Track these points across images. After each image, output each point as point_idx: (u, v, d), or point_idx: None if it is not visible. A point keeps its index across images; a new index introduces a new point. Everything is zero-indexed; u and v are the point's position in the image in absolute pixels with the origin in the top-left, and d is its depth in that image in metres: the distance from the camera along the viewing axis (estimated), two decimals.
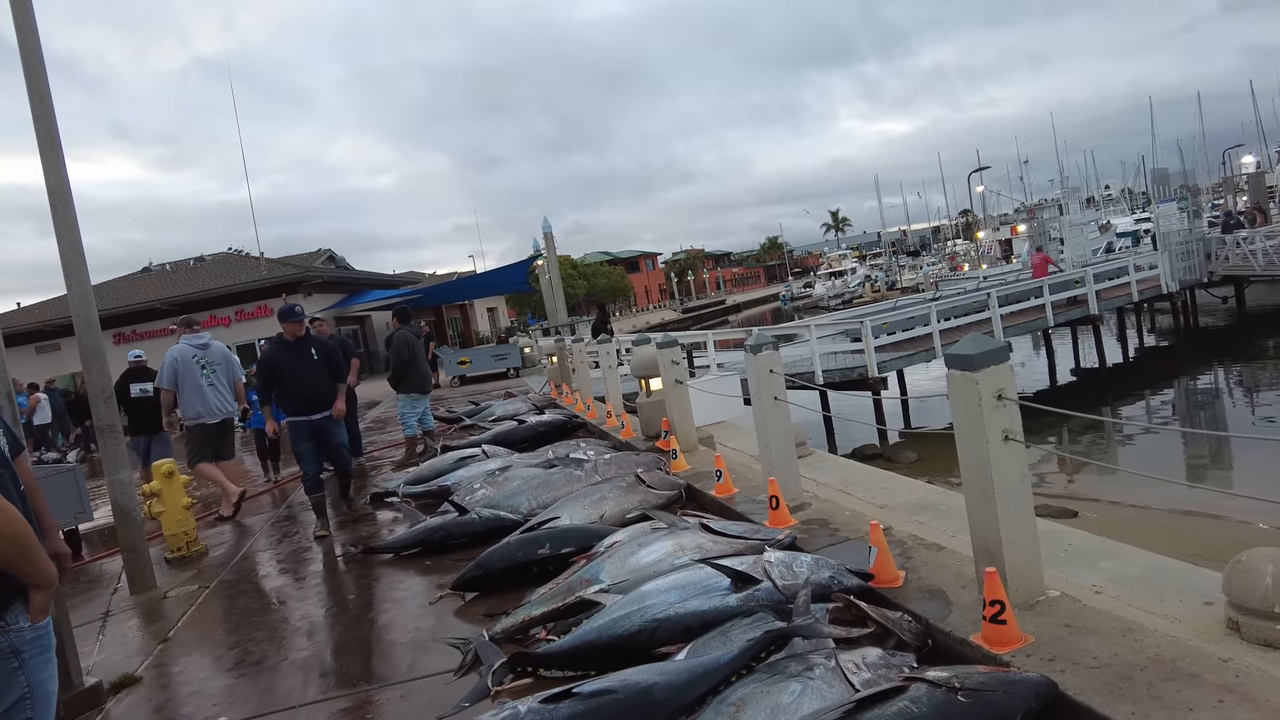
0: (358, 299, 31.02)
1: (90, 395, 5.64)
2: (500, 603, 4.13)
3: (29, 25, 5.40)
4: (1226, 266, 21.28)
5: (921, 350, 15.49)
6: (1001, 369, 2.81)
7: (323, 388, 6.62)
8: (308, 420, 6.55)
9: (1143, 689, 2.24)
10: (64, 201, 5.48)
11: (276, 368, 6.60)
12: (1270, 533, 7.40)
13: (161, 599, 5.55)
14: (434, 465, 7.84)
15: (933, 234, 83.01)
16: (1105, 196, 56.03)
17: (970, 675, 2.32)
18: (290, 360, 6.54)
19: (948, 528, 4.15)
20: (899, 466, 11.85)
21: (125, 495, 5.58)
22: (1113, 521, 8.14)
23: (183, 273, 33.01)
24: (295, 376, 6.52)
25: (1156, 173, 34.12)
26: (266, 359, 6.83)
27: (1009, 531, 2.81)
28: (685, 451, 6.43)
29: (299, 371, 6.53)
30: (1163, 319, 23.15)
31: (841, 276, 65.61)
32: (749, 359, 4.81)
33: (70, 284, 5.53)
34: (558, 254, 32.59)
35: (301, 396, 6.53)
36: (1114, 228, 36.95)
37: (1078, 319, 18.66)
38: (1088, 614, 2.74)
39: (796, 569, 3.22)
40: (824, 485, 5.40)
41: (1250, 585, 2.54)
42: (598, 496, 5.26)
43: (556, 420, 9.43)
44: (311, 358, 6.57)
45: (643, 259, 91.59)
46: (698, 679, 2.57)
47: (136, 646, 4.67)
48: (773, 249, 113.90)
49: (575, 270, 60.34)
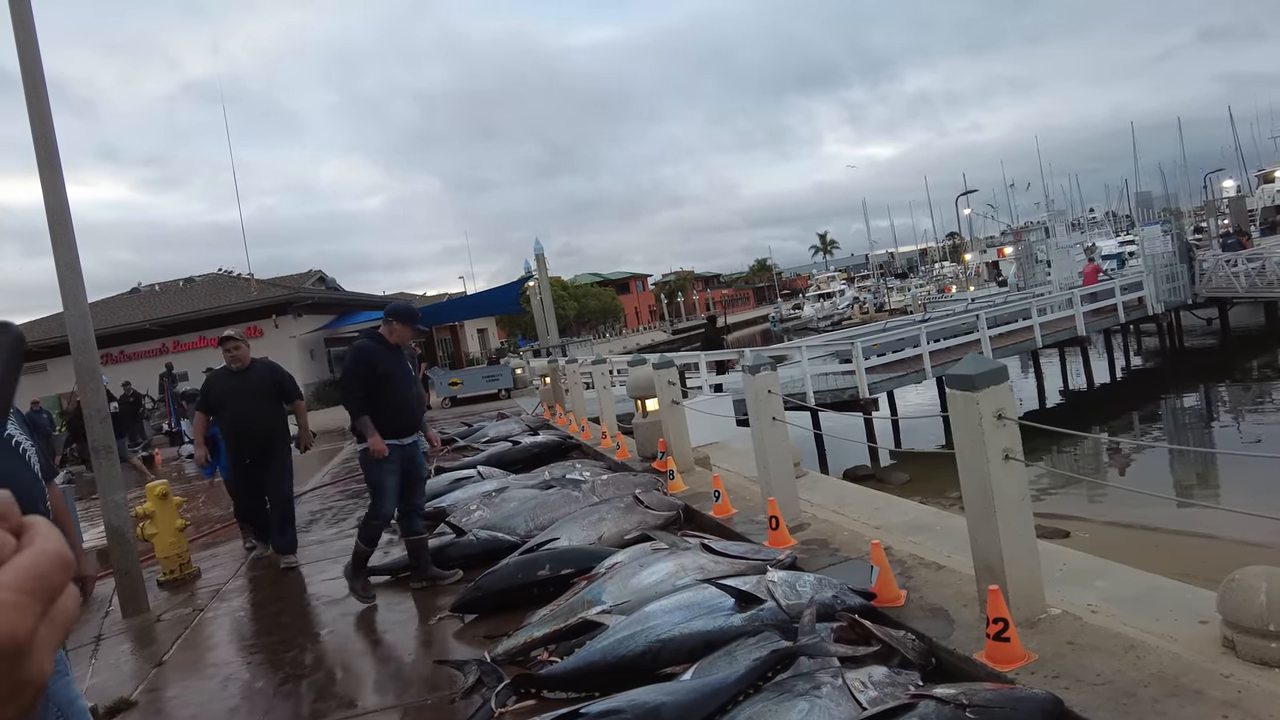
0: (348, 320, 30.94)
1: (85, 415, 5.62)
2: (500, 624, 4.12)
3: (31, 45, 5.44)
4: (1210, 288, 21.58)
5: (912, 371, 15.60)
6: (1001, 389, 2.86)
7: (420, 404, 5.48)
8: (400, 446, 5.13)
9: (1147, 705, 2.27)
10: (62, 222, 5.49)
11: (381, 370, 5.06)
12: (1260, 551, 7.46)
13: (155, 622, 5.49)
14: (428, 487, 7.81)
15: (920, 256, 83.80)
16: (1090, 219, 56.78)
17: (977, 692, 2.34)
18: (392, 363, 5.16)
19: (944, 548, 4.17)
20: (891, 487, 11.87)
21: (119, 517, 5.54)
22: (1105, 541, 8.20)
23: (172, 293, 32.85)
24: (394, 388, 5.12)
25: (1140, 196, 34.63)
26: (367, 359, 5.10)
27: (1010, 550, 2.85)
28: (682, 472, 6.45)
29: (400, 382, 5.18)
30: (1149, 340, 23.43)
31: (830, 298, 65.98)
32: (746, 379, 4.86)
33: (67, 303, 5.52)
34: (548, 275, 32.65)
35: (399, 413, 5.14)
36: (1099, 250, 37.41)
37: (1065, 340, 18.86)
38: (1089, 632, 2.77)
39: (800, 588, 3.24)
40: (819, 506, 5.43)
41: (1244, 604, 2.56)
42: (596, 517, 5.26)
43: (551, 441, 9.43)
44: (409, 368, 5.36)
45: (633, 280, 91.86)
46: (705, 699, 2.58)
47: (130, 671, 4.62)
48: (762, 271, 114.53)
49: (566, 291, 60.46)
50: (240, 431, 6.20)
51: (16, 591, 0.41)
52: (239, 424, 6.18)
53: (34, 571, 0.42)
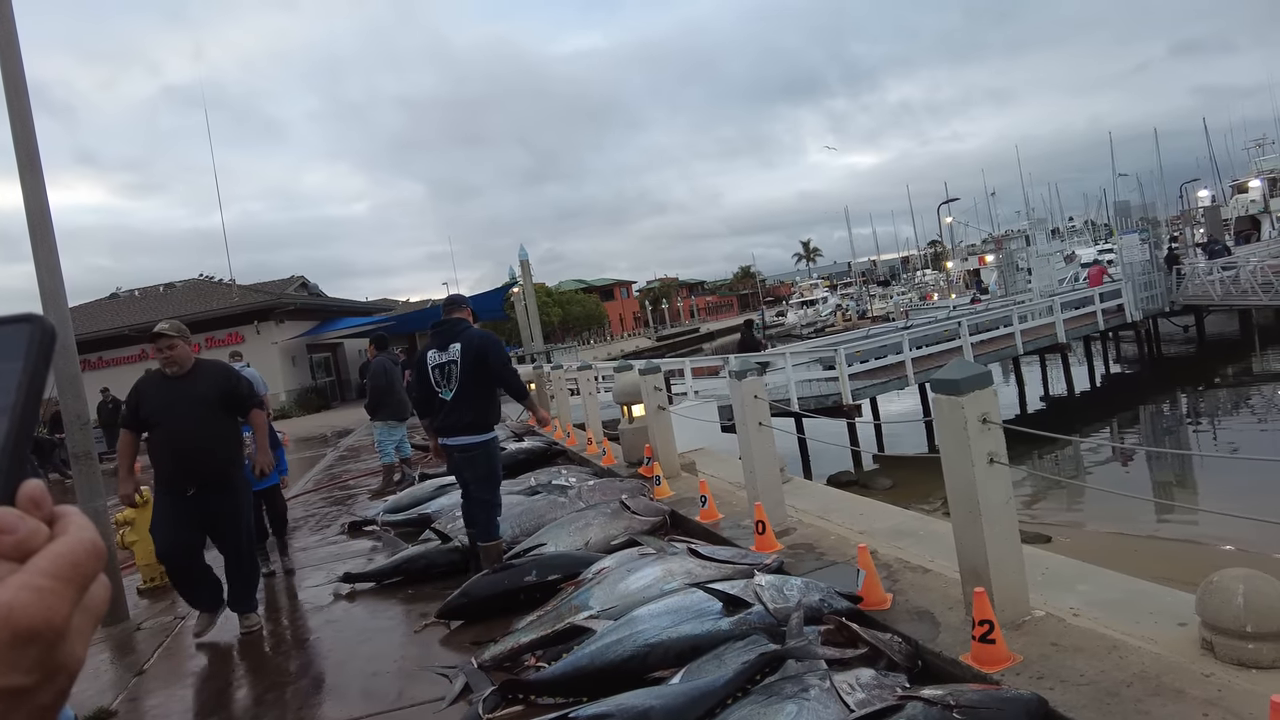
0: (330, 326, 30.78)
1: (65, 422, 5.55)
2: (487, 631, 4.11)
3: (11, 47, 5.39)
4: (1187, 296, 21.92)
5: (894, 378, 15.71)
6: (986, 393, 2.90)
7: None
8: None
9: (1130, 704, 2.31)
10: (43, 225, 5.44)
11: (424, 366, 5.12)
12: (1237, 554, 7.57)
13: (135, 630, 5.43)
14: (413, 493, 7.78)
15: (902, 264, 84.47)
16: (1070, 228, 57.55)
17: (963, 693, 2.37)
18: None
19: (929, 552, 4.21)
20: (875, 493, 11.94)
21: (99, 524, 5.47)
22: (1086, 546, 8.29)
23: (152, 299, 32.52)
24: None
25: (1119, 205, 35.15)
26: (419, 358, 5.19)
27: (995, 553, 2.88)
28: (668, 478, 6.46)
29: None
30: (1128, 347, 23.76)
31: (813, 305, 66.32)
32: (733, 385, 4.88)
33: (47, 308, 5.45)
34: (533, 282, 32.63)
35: None
36: (1079, 258, 37.88)
37: (1046, 347, 19.08)
38: (1072, 633, 2.81)
39: (787, 592, 3.26)
40: (804, 511, 5.45)
41: (1222, 606, 2.61)
42: (583, 523, 5.26)
43: (536, 448, 9.41)
44: None
45: (617, 287, 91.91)
46: (694, 702, 2.59)
47: (110, 680, 4.56)
48: (745, 278, 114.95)
49: (550, 298, 60.36)
50: (179, 456, 4.56)
51: (53, 578, 0.41)
52: (177, 446, 4.56)
53: (70, 559, 0.42)
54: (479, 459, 5.10)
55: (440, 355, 5.04)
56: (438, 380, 5.04)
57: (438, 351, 5.06)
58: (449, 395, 5.01)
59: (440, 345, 5.07)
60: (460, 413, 5.01)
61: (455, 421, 5.01)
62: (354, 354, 31.48)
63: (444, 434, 5.07)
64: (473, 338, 5.11)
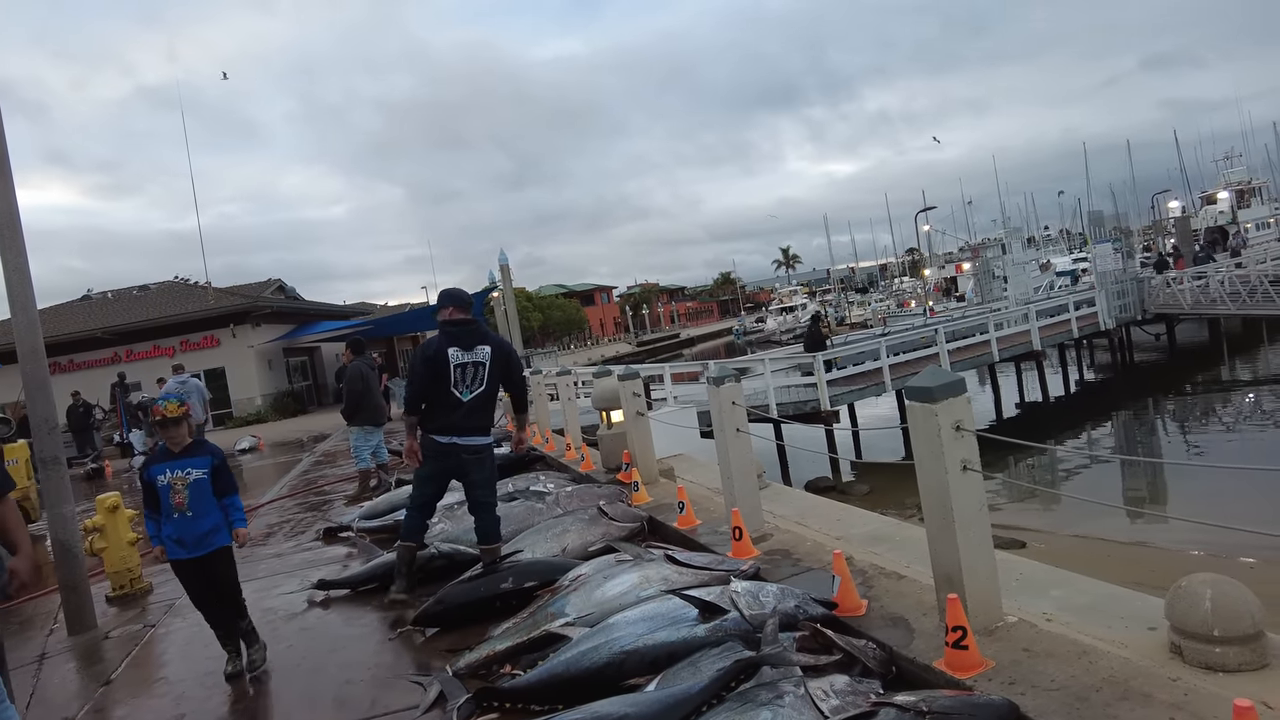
0: (307, 329, 30.48)
1: (33, 426, 5.45)
2: (462, 638, 4.07)
3: None
4: (1158, 305, 22.32)
5: (872, 384, 15.83)
6: (959, 401, 2.92)
7: None
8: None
9: (1099, 709, 2.34)
10: (11, 225, 5.34)
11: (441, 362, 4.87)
12: (1205, 559, 7.69)
13: (102, 640, 5.32)
14: (389, 499, 7.71)
15: (880, 271, 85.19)
16: (1045, 237, 58.39)
17: (936, 699, 2.39)
18: None
19: (904, 558, 4.23)
20: (852, 499, 12.03)
21: (67, 530, 5.38)
22: (1059, 551, 8.38)
23: (125, 301, 32.00)
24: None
25: (1092, 215, 35.72)
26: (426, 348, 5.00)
27: (969, 559, 2.90)
28: (647, 484, 6.46)
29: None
30: (1101, 355, 24.13)
31: (793, 311, 66.75)
32: (711, 391, 4.89)
33: (15, 310, 5.37)
34: (513, 286, 32.53)
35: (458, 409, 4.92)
36: (1054, 267, 38.42)
37: (1021, 354, 19.32)
38: (1044, 639, 2.84)
39: (763, 599, 3.26)
40: (782, 517, 5.47)
41: (1190, 610, 2.64)
42: (560, 529, 5.24)
43: (513, 453, 9.35)
44: None
45: (598, 292, 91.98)
46: (670, 709, 2.58)
47: (75, 690, 4.47)
48: (726, 284, 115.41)
49: (530, 302, 60.24)
50: None
51: None
52: None
53: None
54: (486, 460, 5.09)
55: (465, 355, 4.92)
56: (458, 380, 4.91)
57: (461, 350, 4.92)
58: (468, 396, 4.92)
59: (465, 345, 4.94)
60: (481, 414, 5.00)
61: (475, 423, 4.97)
62: (331, 358, 31.21)
63: (459, 433, 4.95)
64: (501, 343, 5.13)
